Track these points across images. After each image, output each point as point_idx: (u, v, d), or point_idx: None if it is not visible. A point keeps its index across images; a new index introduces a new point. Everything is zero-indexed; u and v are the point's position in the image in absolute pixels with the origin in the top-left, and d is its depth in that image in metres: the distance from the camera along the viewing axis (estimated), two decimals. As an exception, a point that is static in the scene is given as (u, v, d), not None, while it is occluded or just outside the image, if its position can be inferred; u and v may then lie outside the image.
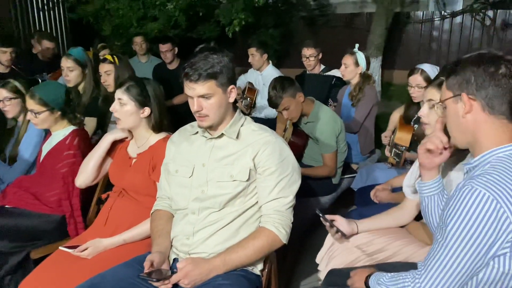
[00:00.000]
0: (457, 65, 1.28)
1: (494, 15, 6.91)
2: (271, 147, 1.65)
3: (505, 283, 1.18)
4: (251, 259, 1.64)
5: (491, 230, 1.11)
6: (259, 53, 4.15)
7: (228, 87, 1.63)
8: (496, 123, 1.23)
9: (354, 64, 3.38)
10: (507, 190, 1.12)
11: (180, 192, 1.74)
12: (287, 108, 2.75)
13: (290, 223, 1.70)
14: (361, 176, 3.02)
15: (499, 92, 1.21)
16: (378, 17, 6.14)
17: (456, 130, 1.31)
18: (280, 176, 1.65)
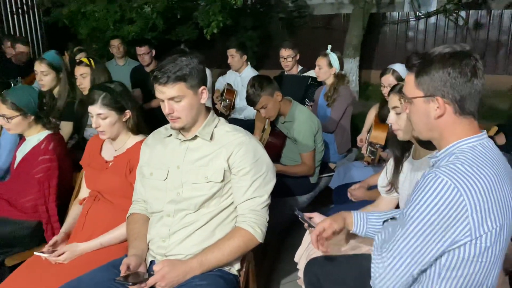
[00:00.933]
0: (429, 62, 1.25)
1: (466, 15, 7.09)
2: (245, 148, 1.66)
3: (466, 269, 1.23)
4: (228, 259, 1.65)
5: (448, 216, 1.16)
6: (239, 54, 4.17)
7: (198, 88, 1.64)
8: (464, 121, 1.26)
9: (327, 65, 3.43)
10: (469, 180, 1.16)
11: (155, 195, 1.74)
12: (265, 107, 2.77)
13: (266, 222, 1.72)
14: (338, 174, 3.07)
15: (471, 94, 1.22)
16: (354, 18, 6.24)
17: (423, 128, 1.32)
18: (255, 176, 1.67)
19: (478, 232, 1.18)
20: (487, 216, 1.17)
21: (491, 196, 1.18)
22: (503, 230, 1.22)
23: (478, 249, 1.20)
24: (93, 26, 6.52)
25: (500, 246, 1.23)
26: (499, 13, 6.93)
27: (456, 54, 1.22)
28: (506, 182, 1.24)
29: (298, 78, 3.95)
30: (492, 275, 1.29)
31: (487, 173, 1.19)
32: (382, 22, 7.66)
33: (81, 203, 2.16)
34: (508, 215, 1.23)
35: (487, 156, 1.23)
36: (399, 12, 7.74)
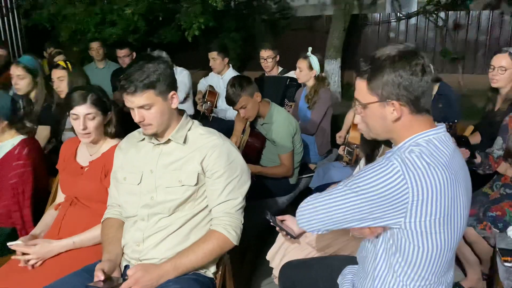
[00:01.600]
0: (380, 66, 1.26)
1: (446, 16, 7.21)
2: (219, 150, 1.66)
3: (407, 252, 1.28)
4: (202, 262, 1.65)
5: (386, 197, 1.20)
6: (220, 57, 4.17)
7: (168, 94, 1.63)
8: (420, 118, 1.29)
9: (308, 68, 3.45)
10: (418, 171, 1.20)
11: (129, 199, 1.73)
12: (244, 107, 2.78)
13: (241, 225, 1.72)
14: (318, 175, 3.09)
15: (425, 92, 1.26)
16: (336, 20, 6.28)
17: (380, 130, 1.35)
18: (229, 178, 1.67)
19: (414, 218, 1.22)
20: (430, 205, 1.21)
21: (438, 187, 1.21)
22: (450, 221, 1.25)
23: (420, 236, 1.24)
24: (74, 28, 6.46)
25: (448, 236, 1.26)
26: (477, 14, 7.06)
27: (404, 55, 1.24)
28: (459, 176, 1.28)
29: (276, 79, 3.98)
30: (445, 264, 1.33)
31: (438, 166, 1.22)
32: (363, 23, 7.73)
33: (56, 208, 2.13)
34: (457, 207, 1.26)
35: (441, 150, 1.26)
36: (380, 13, 7.83)
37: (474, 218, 2.31)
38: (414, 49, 1.27)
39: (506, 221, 2.24)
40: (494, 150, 2.50)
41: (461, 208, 1.28)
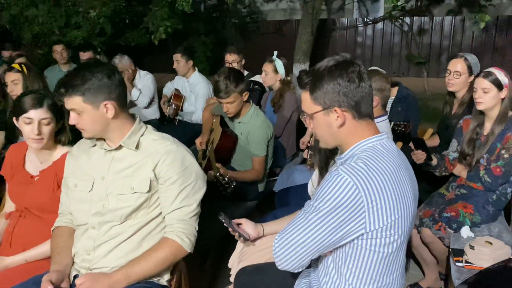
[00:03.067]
0: (319, 78, 1.32)
1: (411, 21, 7.40)
2: (172, 156, 1.63)
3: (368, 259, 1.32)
4: (155, 270, 1.61)
5: (345, 211, 1.24)
6: (184, 59, 4.13)
7: (100, 103, 1.55)
8: (363, 124, 1.36)
9: (273, 72, 3.46)
10: (367, 178, 1.24)
11: (80, 207, 1.68)
12: (232, 103, 2.69)
13: (195, 232, 1.69)
14: (282, 178, 3.08)
15: (364, 97, 1.32)
16: (304, 24, 6.33)
17: (329, 138, 1.40)
18: (183, 185, 1.64)
19: (373, 226, 1.26)
20: (383, 211, 1.26)
21: (389, 192, 1.26)
22: (401, 222, 1.30)
23: (375, 241, 1.28)
24: (37, 30, 6.29)
25: (400, 237, 1.31)
26: (441, 20, 7.28)
27: (341, 65, 1.31)
28: (405, 178, 1.34)
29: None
30: (396, 264, 1.38)
31: (386, 170, 1.28)
32: (331, 28, 7.85)
33: (7, 217, 2.05)
34: (406, 208, 1.32)
35: (387, 154, 1.32)
36: (348, 18, 7.96)
37: (430, 218, 2.36)
38: (350, 59, 1.34)
39: (460, 221, 2.30)
40: (449, 152, 2.57)
41: (409, 209, 1.34)
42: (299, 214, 1.34)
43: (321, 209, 1.26)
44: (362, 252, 1.31)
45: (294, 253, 1.31)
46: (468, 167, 2.45)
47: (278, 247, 1.35)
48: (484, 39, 7.11)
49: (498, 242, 2.01)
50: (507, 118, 2.33)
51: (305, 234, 1.29)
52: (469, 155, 2.43)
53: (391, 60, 7.65)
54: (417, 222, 2.44)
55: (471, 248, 1.98)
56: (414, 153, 2.44)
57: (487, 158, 2.35)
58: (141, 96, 4.19)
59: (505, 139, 2.30)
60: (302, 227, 1.29)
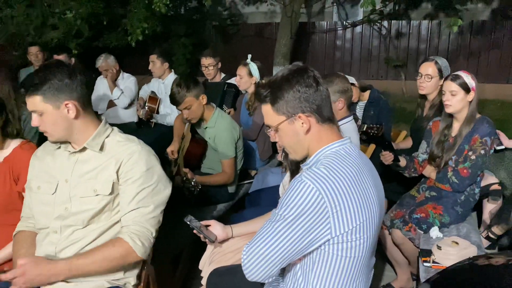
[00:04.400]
0: (277, 89, 1.33)
1: (389, 25, 7.51)
2: (135, 157, 1.61)
3: (336, 264, 1.33)
4: (100, 268, 1.55)
5: (310, 218, 1.24)
6: (160, 61, 4.11)
7: (61, 103, 1.53)
8: (326, 128, 1.38)
9: (247, 75, 3.45)
10: (330, 183, 1.25)
11: (42, 210, 1.64)
12: (189, 108, 2.70)
13: (151, 236, 1.62)
14: (257, 180, 3.09)
15: (323, 100, 1.34)
16: (283, 27, 6.36)
17: (298, 147, 1.40)
18: (142, 185, 1.60)
19: (338, 230, 1.27)
20: (348, 215, 1.26)
21: (353, 196, 1.27)
22: (367, 226, 1.31)
23: (341, 245, 1.29)
24: (12, 31, 6.17)
25: (366, 241, 1.33)
26: (418, 23, 7.41)
27: (296, 72, 1.34)
28: (369, 181, 1.35)
29: (215, 84, 3.97)
30: (363, 269, 1.39)
31: (349, 174, 1.29)
32: (311, 31, 7.91)
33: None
34: (371, 211, 1.33)
35: (349, 159, 1.34)
36: (327, 21, 8.03)
37: (401, 220, 2.39)
38: (304, 66, 1.36)
39: (430, 222, 2.33)
40: (419, 154, 2.61)
41: (374, 212, 1.35)
42: (265, 223, 1.33)
43: (286, 217, 1.26)
44: (329, 257, 1.32)
45: (263, 263, 1.31)
46: (437, 169, 2.49)
47: (247, 259, 1.33)
48: (459, 43, 7.26)
49: (464, 242, 2.04)
50: (474, 120, 2.38)
51: (272, 243, 1.28)
52: (438, 157, 2.47)
53: (369, 63, 7.74)
54: (388, 223, 2.47)
55: (438, 248, 2.01)
56: (382, 154, 2.48)
57: (455, 159, 2.39)
58: (122, 96, 4.20)
59: (473, 141, 2.34)
60: (269, 237, 1.29)
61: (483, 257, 1.86)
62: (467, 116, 2.38)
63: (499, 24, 7.08)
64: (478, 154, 2.32)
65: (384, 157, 2.48)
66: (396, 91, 7.27)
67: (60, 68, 1.54)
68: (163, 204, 1.67)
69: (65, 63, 1.62)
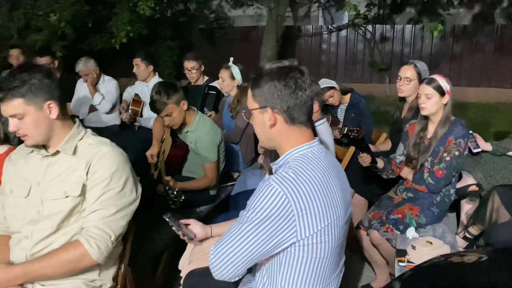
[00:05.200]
0: (260, 76, 1.36)
1: (373, 29, 7.60)
2: (105, 158, 1.61)
3: (302, 266, 1.35)
4: (56, 271, 1.54)
5: (276, 221, 1.27)
6: (144, 64, 4.09)
7: (43, 103, 1.55)
8: (296, 130, 1.39)
9: (230, 78, 3.48)
10: (296, 187, 1.27)
11: (15, 213, 1.64)
12: (170, 115, 2.71)
13: (109, 240, 1.57)
14: (239, 183, 3.11)
15: (297, 104, 1.35)
16: (268, 31, 6.41)
17: (263, 137, 1.44)
18: (108, 187, 1.59)
19: (304, 233, 1.29)
20: (314, 218, 1.29)
21: (319, 199, 1.30)
22: (332, 227, 1.34)
23: (307, 248, 1.32)
24: (-5, 34, 6.12)
25: (332, 242, 1.35)
26: (402, 28, 7.51)
27: (282, 69, 1.35)
28: (335, 183, 1.38)
29: (196, 87, 3.98)
30: (330, 269, 1.42)
31: (315, 178, 1.32)
32: (297, 35, 7.97)
33: None
34: (337, 213, 1.36)
35: (316, 162, 1.36)
36: (313, 25, 8.10)
37: (378, 221, 2.43)
38: (295, 66, 1.37)
39: (406, 223, 2.37)
40: (396, 155, 2.66)
41: (340, 214, 1.38)
42: (233, 224, 1.36)
43: (253, 219, 1.28)
44: (295, 259, 1.34)
45: (229, 263, 1.33)
46: (414, 170, 2.54)
47: (214, 258, 1.36)
48: (442, 47, 7.38)
49: (437, 241, 2.09)
50: (449, 123, 2.43)
51: (238, 244, 1.31)
52: (414, 159, 2.52)
53: (355, 66, 7.82)
54: (367, 224, 2.51)
55: (412, 248, 2.05)
56: (360, 156, 2.52)
57: (431, 161, 2.44)
58: (103, 101, 4.14)
59: (447, 142, 2.39)
60: (235, 237, 1.32)
61: (456, 255, 1.91)
62: (442, 118, 2.43)
63: (480, 29, 7.21)
64: (452, 155, 2.37)
65: (362, 159, 2.52)
66: (381, 94, 7.35)
67: (37, 69, 1.54)
68: (127, 209, 1.64)
69: (37, 64, 1.62)
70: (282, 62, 1.38)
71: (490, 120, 6.07)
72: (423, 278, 1.57)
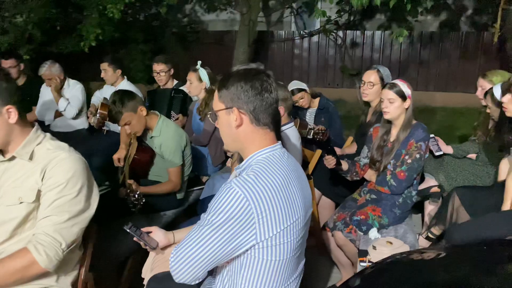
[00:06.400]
0: (227, 78, 1.40)
1: (344, 35, 7.74)
2: (61, 163, 1.57)
3: (263, 268, 1.37)
4: (6, 281, 1.48)
5: (236, 223, 1.28)
6: (112, 68, 4.05)
7: (2, 108, 1.51)
8: (261, 132, 1.42)
9: (197, 80, 3.48)
10: (257, 190, 1.29)
11: None
12: (129, 123, 2.69)
13: (59, 248, 1.52)
14: (208, 186, 3.11)
15: (263, 106, 1.39)
16: (241, 35, 6.44)
17: (229, 138, 1.46)
18: (62, 193, 1.54)
19: (264, 236, 1.31)
20: (273, 220, 1.31)
21: (279, 202, 1.32)
22: (292, 230, 1.36)
23: (267, 250, 1.33)
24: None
25: (291, 244, 1.38)
26: (371, 33, 7.68)
27: (249, 71, 1.39)
28: (295, 186, 1.41)
29: (163, 91, 3.97)
30: (291, 269, 1.45)
31: (276, 181, 1.34)
32: (270, 40, 8.04)
33: None
34: (296, 215, 1.38)
35: (278, 165, 1.39)
36: (285, 30, 8.19)
37: (342, 222, 2.47)
38: (262, 69, 1.42)
39: (369, 224, 2.43)
40: (361, 158, 2.72)
41: (299, 216, 1.40)
42: (194, 227, 1.36)
43: (214, 222, 1.29)
44: (255, 261, 1.36)
45: (189, 266, 1.34)
46: (377, 172, 2.60)
47: (174, 261, 1.36)
48: (410, 53, 7.58)
49: (397, 241, 2.14)
50: (410, 126, 2.50)
51: (199, 247, 1.32)
52: (377, 161, 2.58)
53: (326, 71, 7.94)
54: (331, 225, 2.55)
55: (373, 248, 2.10)
56: (325, 158, 2.56)
57: (393, 163, 2.51)
58: (69, 107, 4.05)
59: (409, 145, 2.46)
60: (195, 240, 1.32)
61: (415, 252, 1.97)
62: (404, 122, 2.50)
63: (447, 36, 7.45)
64: (413, 158, 2.44)
65: (327, 161, 2.57)
66: (352, 99, 7.46)
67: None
68: (81, 216, 1.60)
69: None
70: (249, 65, 1.43)
71: (456, 123, 6.27)
72: (382, 274, 1.61)
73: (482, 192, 2.63)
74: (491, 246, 1.88)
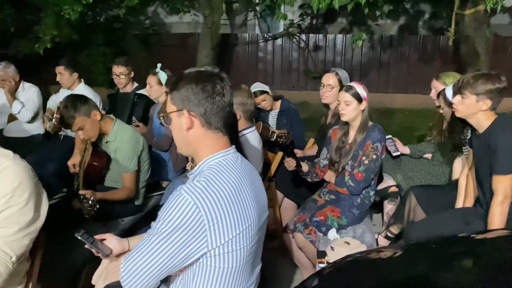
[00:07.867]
0: (179, 80, 1.37)
1: (307, 38, 7.84)
2: (5, 172, 1.50)
3: (216, 276, 1.34)
4: None
5: (187, 232, 1.24)
6: (68, 72, 3.90)
7: None
8: (213, 136, 1.38)
9: (157, 84, 3.42)
10: (208, 197, 1.26)
11: None
12: (82, 128, 2.62)
13: (9, 261, 1.48)
14: (168, 191, 3.05)
15: (214, 109, 1.35)
16: (204, 38, 6.40)
17: (181, 142, 1.42)
18: (8, 203, 1.48)
19: (215, 243, 1.28)
20: (225, 227, 1.28)
21: (230, 207, 1.29)
22: (244, 235, 1.34)
23: (219, 257, 1.30)
24: None
25: (245, 250, 1.35)
26: (333, 37, 7.82)
27: (201, 73, 1.36)
28: (248, 191, 1.38)
29: (125, 95, 3.87)
30: (246, 275, 1.43)
31: (227, 186, 1.31)
32: (234, 43, 8.03)
33: None
34: (250, 220, 1.36)
35: (230, 170, 1.36)
36: (249, 33, 8.21)
37: (302, 223, 2.48)
38: (215, 72, 1.38)
39: (329, 224, 2.45)
40: (320, 159, 2.74)
41: (253, 221, 1.38)
42: (144, 237, 1.32)
43: (163, 231, 1.25)
44: (208, 269, 1.33)
45: (139, 276, 1.29)
46: (336, 173, 2.63)
47: (124, 271, 1.31)
48: (371, 56, 7.77)
49: (355, 241, 2.17)
50: (367, 128, 2.55)
51: (148, 257, 1.27)
52: (336, 162, 2.61)
53: (290, 74, 8.01)
54: (292, 227, 2.55)
55: (331, 249, 2.12)
56: (285, 160, 2.57)
57: (351, 164, 2.54)
58: (23, 110, 3.89)
59: (366, 147, 2.51)
60: (145, 250, 1.28)
61: (373, 251, 2.00)
62: (361, 124, 2.55)
63: (406, 39, 7.67)
64: (370, 158, 2.48)
65: (287, 163, 2.57)
66: (315, 102, 7.50)
67: None
68: (31, 227, 1.54)
69: None
70: (204, 67, 1.40)
71: (415, 124, 6.46)
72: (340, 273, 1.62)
73: (437, 190, 2.71)
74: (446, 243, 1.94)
